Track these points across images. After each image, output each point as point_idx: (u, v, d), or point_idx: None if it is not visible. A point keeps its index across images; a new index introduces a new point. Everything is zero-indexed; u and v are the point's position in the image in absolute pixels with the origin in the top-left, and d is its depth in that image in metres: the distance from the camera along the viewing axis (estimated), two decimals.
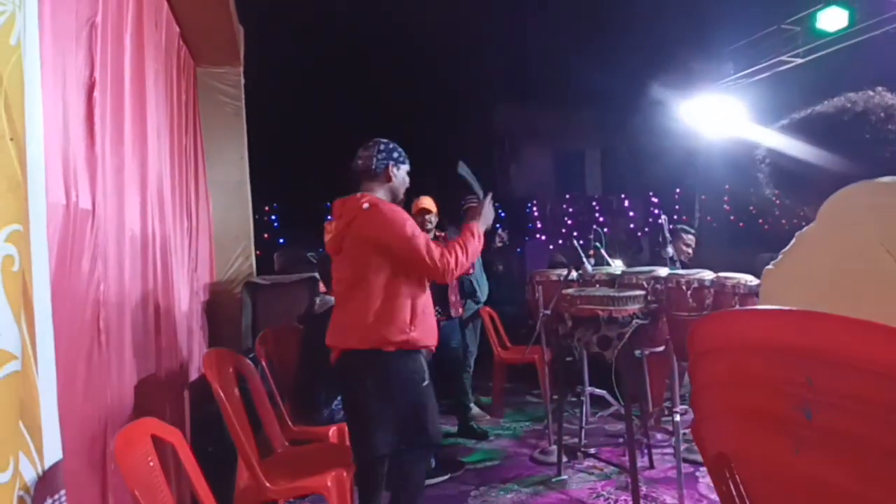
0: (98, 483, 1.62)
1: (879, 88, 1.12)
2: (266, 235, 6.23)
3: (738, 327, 0.81)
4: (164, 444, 1.59)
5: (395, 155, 2.17)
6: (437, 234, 3.75)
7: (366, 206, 2.02)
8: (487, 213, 2.24)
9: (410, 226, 2.02)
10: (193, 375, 2.90)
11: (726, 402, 0.87)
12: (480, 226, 2.19)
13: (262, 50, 4.26)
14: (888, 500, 0.67)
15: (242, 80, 4.00)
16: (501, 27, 6.14)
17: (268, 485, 1.94)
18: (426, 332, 2.08)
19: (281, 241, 6.44)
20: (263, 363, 2.73)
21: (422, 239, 2.01)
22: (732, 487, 0.91)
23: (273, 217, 6.68)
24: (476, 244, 2.15)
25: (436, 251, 2.02)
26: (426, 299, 2.12)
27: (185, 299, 2.87)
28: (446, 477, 3.00)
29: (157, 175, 2.40)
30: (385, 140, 2.18)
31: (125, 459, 1.27)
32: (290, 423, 2.68)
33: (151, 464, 1.44)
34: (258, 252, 4.30)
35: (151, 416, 1.98)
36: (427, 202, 3.68)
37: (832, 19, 4.53)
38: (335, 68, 6.26)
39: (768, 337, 0.76)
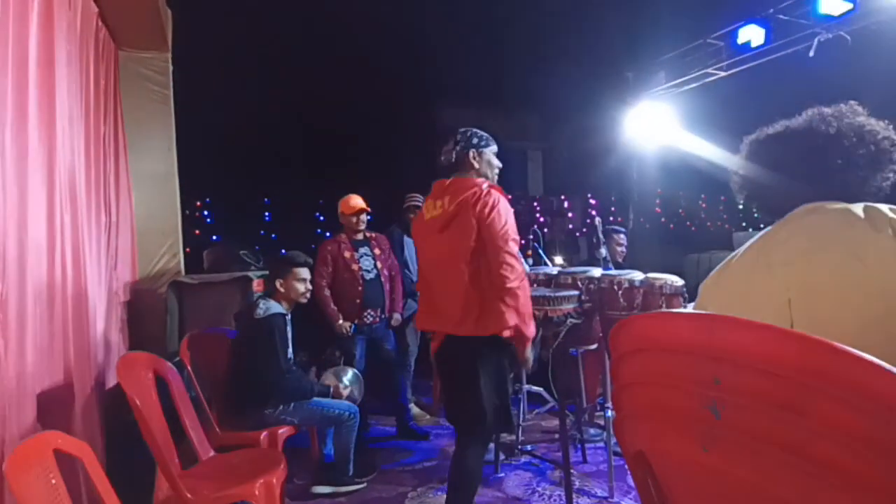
0: None
1: (852, 103, 1.12)
2: (197, 232, 5.90)
3: (654, 330, 0.83)
4: (74, 459, 1.47)
5: (475, 140, 2.20)
6: (367, 234, 3.67)
7: (485, 186, 2.08)
8: None
9: (511, 225, 2.07)
10: (111, 382, 2.71)
11: (643, 401, 0.90)
12: None
13: (195, 36, 4.04)
14: (789, 494, 0.71)
15: (171, 67, 3.78)
16: (446, 28, 6.16)
17: (189, 496, 1.84)
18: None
19: (214, 237, 6.13)
20: (188, 367, 2.59)
21: (514, 245, 2.06)
22: (651, 484, 0.94)
23: (206, 213, 6.35)
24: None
25: (515, 264, 2.05)
26: None
27: (102, 299, 2.67)
28: (363, 484, 2.93)
29: (67, 165, 2.21)
30: (464, 129, 2.23)
31: (18, 478, 1.16)
32: (217, 429, 2.56)
33: (53, 481, 1.32)
34: (188, 249, 4.07)
35: (60, 428, 1.82)
36: (360, 201, 3.58)
37: (751, 36, 4.85)
38: (273, 59, 6.05)
39: (681, 339, 0.79)
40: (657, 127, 6.37)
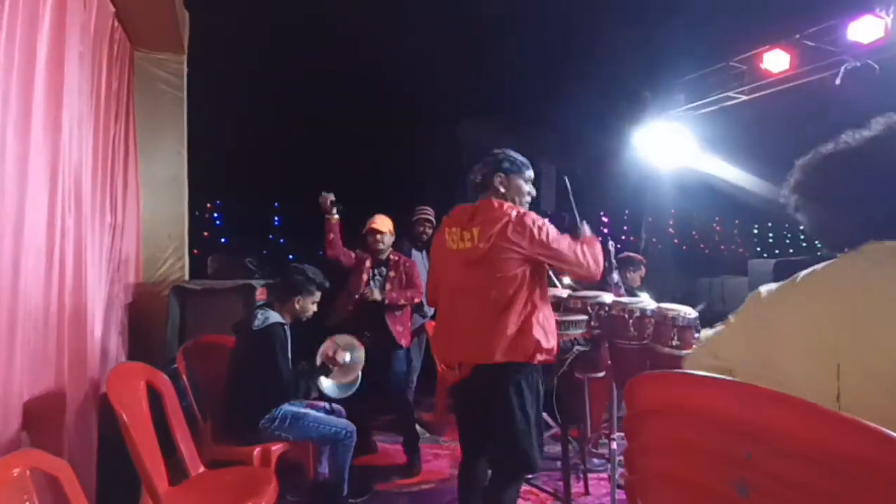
0: None
1: None
2: (206, 234, 5.88)
3: (678, 392, 0.75)
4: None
5: (506, 165, 2.12)
6: (392, 257, 3.59)
7: (514, 213, 2.00)
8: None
9: (555, 231, 2.04)
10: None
11: (661, 467, 0.81)
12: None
13: (212, 39, 4.04)
14: None
15: (185, 69, 3.76)
16: (464, 43, 6.16)
17: None
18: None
19: (223, 240, 6.11)
20: (184, 377, 2.53)
21: (564, 243, 2.04)
22: None
23: (216, 215, 6.33)
24: (594, 243, 2.20)
25: (579, 252, 2.07)
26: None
27: (102, 304, 2.62)
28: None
29: (74, 166, 2.17)
30: (498, 150, 2.16)
31: None
32: (211, 442, 2.49)
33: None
34: (195, 251, 4.03)
35: (49, 439, 1.77)
36: (380, 222, 3.51)
37: (775, 61, 4.74)
38: (290, 66, 6.06)
39: (708, 407, 0.70)
40: (674, 147, 6.28)
